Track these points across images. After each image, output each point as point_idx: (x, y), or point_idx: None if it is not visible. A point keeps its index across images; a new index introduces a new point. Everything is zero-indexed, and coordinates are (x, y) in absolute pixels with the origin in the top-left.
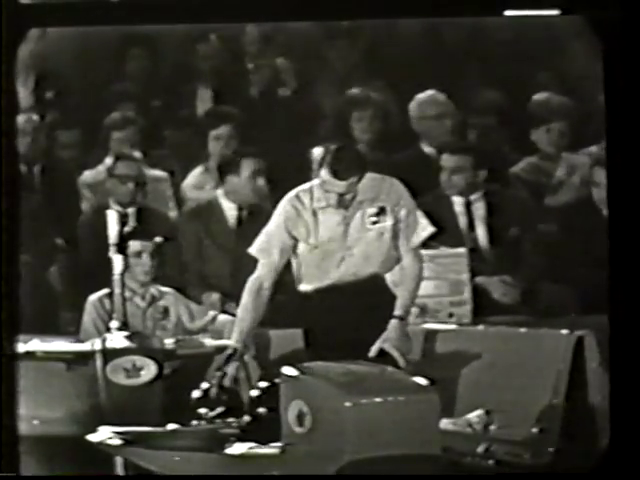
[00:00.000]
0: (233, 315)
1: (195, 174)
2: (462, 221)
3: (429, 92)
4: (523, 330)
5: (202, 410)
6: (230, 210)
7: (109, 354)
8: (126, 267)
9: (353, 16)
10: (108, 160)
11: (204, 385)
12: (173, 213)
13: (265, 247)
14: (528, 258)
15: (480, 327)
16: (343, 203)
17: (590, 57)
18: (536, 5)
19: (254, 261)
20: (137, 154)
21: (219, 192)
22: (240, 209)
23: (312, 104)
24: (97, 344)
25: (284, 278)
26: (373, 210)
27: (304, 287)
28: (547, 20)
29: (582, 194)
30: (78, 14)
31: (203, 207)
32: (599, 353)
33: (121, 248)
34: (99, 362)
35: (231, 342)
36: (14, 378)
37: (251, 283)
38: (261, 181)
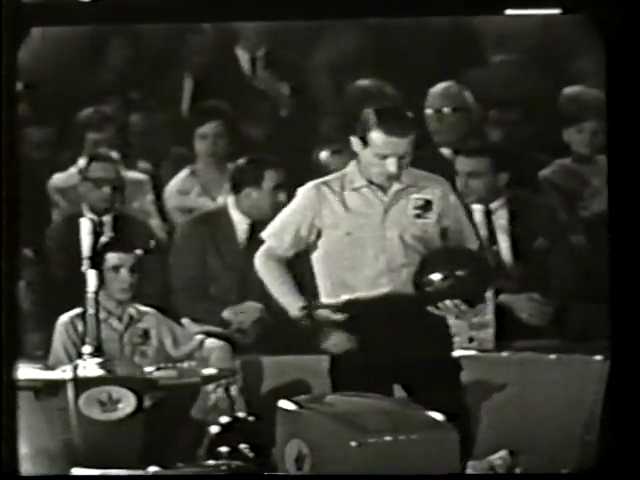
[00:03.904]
0: (222, 338)
1: (180, 178)
2: (482, 232)
3: (444, 84)
4: (552, 356)
5: (223, 449)
6: (241, 224)
7: (82, 384)
8: (101, 283)
9: (353, 15)
10: (81, 161)
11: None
12: (155, 221)
13: (277, 232)
14: (558, 274)
15: (504, 353)
16: (382, 182)
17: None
18: (537, 4)
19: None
20: (114, 154)
21: (230, 202)
22: (253, 224)
23: (314, 100)
24: (68, 372)
25: None
26: (418, 202)
27: (330, 298)
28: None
29: None
30: (78, 14)
31: (206, 217)
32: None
33: (95, 262)
34: (70, 393)
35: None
36: None
37: (261, 262)
38: (282, 196)
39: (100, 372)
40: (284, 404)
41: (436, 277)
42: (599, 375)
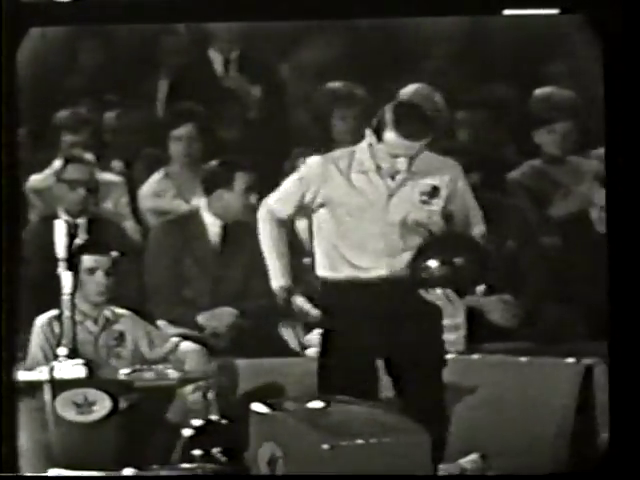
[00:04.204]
0: (197, 342)
1: (154, 180)
2: None
3: (414, 85)
4: (524, 359)
5: (196, 452)
6: (213, 226)
7: (58, 385)
8: (77, 286)
9: (350, 15)
10: (57, 163)
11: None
12: (129, 223)
13: (279, 196)
14: (529, 275)
15: (475, 356)
16: (394, 168)
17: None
18: (535, 4)
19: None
20: (89, 156)
21: (202, 204)
22: (225, 226)
23: (286, 104)
24: (44, 373)
25: None
26: (426, 188)
27: (327, 272)
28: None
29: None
30: (79, 14)
31: (179, 220)
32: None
33: (71, 264)
34: (47, 394)
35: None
36: None
37: (263, 216)
38: (253, 198)
39: (75, 374)
40: (257, 407)
41: (433, 264)
42: (571, 378)
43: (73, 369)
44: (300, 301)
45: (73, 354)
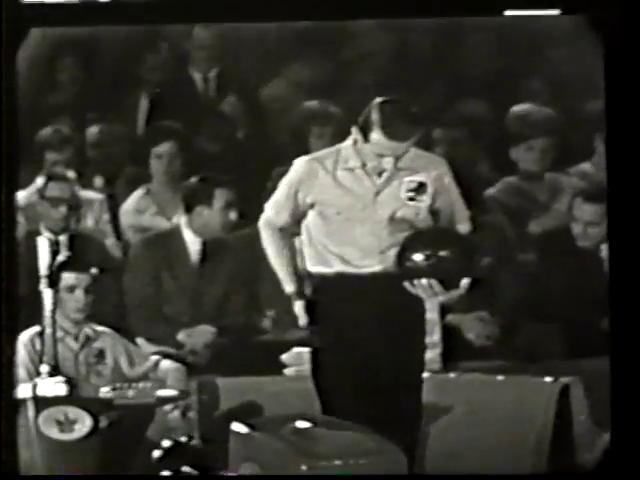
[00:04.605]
0: (177, 360)
1: (135, 197)
2: None
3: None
4: (500, 378)
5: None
6: (194, 243)
7: (41, 403)
8: (58, 303)
9: (346, 16)
10: (39, 180)
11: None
12: (110, 241)
13: (276, 204)
14: (506, 293)
15: (452, 375)
16: (380, 166)
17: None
18: (536, 5)
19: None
20: (70, 174)
21: (182, 222)
22: (205, 243)
23: (266, 122)
24: (27, 390)
25: None
26: (412, 184)
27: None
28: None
29: (567, 221)
30: (79, 14)
31: (159, 237)
32: (587, 404)
33: (52, 281)
34: (31, 412)
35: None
36: None
37: (264, 227)
38: (233, 215)
39: (56, 392)
40: (237, 427)
41: (418, 257)
42: (548, 397)
43: (54, 387)
44: (298, 307)
45: (55, 371)
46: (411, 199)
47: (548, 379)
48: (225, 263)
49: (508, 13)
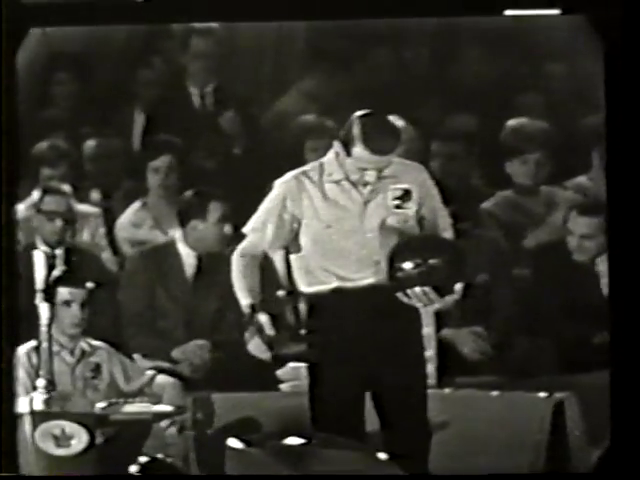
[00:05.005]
0: (172, 375)
1: (132, 211)
2: None
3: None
4: (495, 393)
5: None
6: (189, 257)
7: (37, 417)
8: (54, 317)
9: (344, 16)
10: (35, 194)
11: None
12: (106, 254)
13: (259, 226)
14: (501, 307)
15: (447, 390)
16: (363, 179)
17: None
18: (536, 5)
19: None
20: (66, 187)
21: (178, 236)
22: (200, 257)
23: (263, 134)
24: (25, 405)
25: None
26: (397, 192)
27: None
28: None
29: (562, 234)
30: (79, 14)
31: (153, 251)
32: (582, 419)
33: (49, 295)
34: (28, 426)
35: (246, 302)
36: None
37: (237, 256)
38: (227, 228)
39: (52, 407)
40: (233, 442)
41: (408, 265)
42: (543, 413)
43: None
44: (263, 319)
45: (51, 386)
46: (398, 207)
47: (543, 395)
48: (221, 277)
49: (508, 13)
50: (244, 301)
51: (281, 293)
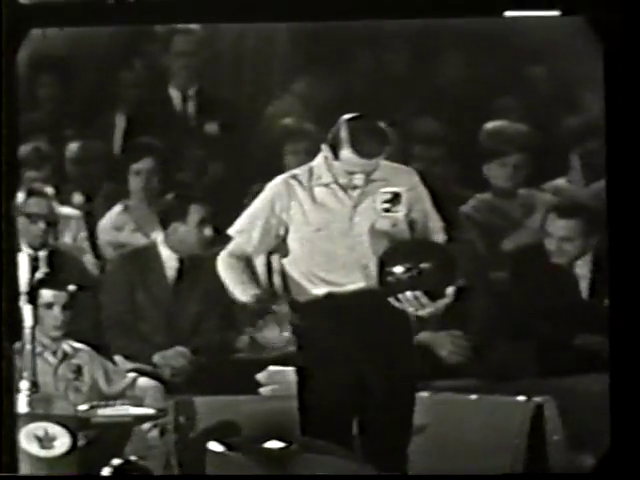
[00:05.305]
0: (154, 378)
1: (114, 213)
2: None
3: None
4: (473, 397)
5: None
6: (170, 260)
7: (22, 419)
8: (36, 319)
9: (342, 17)
10: (20, 196)
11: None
12: (88, 257)
13: (245, 229)
14: (479, 311)
15: (424, 394)
16: (352, 183)
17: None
18: (536, 5)
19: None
20: (49, 190)
21: (159, 239)
22: (181, 260)
23: (243, 136)
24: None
25: None
26: (387, 196)
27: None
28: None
29: (540, 237)
30: (79, 14)
31: (134, 253)
32: (561, 424)
33: (32, 297)
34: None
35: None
36: None
37: (225, 257)
38: (208, 230)
39: (33, 408)
40: (213, 446)
41: (398, 269)
42: (522, 417)
43: (31, 403)
44: (279, 309)
45: (34, 387)
46: (387, 210)
47: (521, 398)
48: (202, 279)
49: (508, 14)
50: (247, 293)
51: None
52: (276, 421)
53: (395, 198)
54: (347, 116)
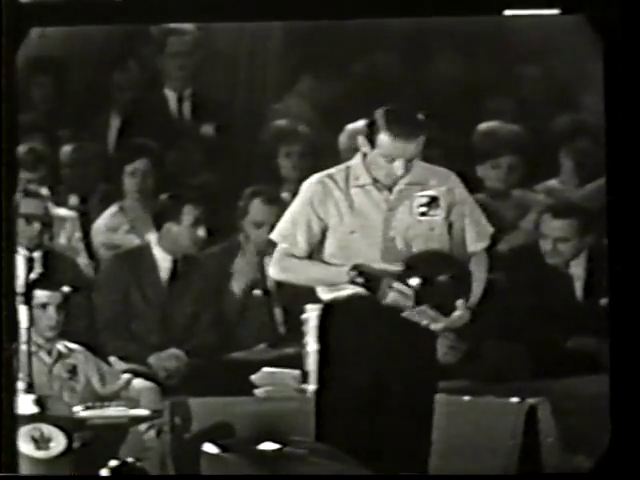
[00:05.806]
0: (149, 379)
1: (108, 214)
2: None
3: (361, 122)
4: (466, 398)
5: None
6: (164, 261)
7: (19, 420)
8: (31, 320)
9: (342, 16)
10: (17, 196)
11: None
12: (82, 259)
13: (289, 233)
14: (473, 312)
15: None
16: (388, 182)
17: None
18: (535, 5)
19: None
20: (44, 191)
21: (153, 239)
22: (175, 261)
23: (237, 138)
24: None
25: None
26: (424, 199)
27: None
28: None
29: (535, 238)
30: (79, 14)
31: (128, 254)
32: (555, 425)
33: (27, 298)
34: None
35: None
36: None
37: (275, 266)
38: (201, 231)
39: (29, 409)
40: (208, 447)
41: (414, 282)
42: (515, 418)
43: (27, 404)
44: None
45: (30, 388)
46: (423, 214)
47: (515, 400)
48: (196, 280)
49: (507, 13)
50: (343, 269)
51: (257, 292)
52: (271, 422)
53: (432, 202)
54: (383, 107)
